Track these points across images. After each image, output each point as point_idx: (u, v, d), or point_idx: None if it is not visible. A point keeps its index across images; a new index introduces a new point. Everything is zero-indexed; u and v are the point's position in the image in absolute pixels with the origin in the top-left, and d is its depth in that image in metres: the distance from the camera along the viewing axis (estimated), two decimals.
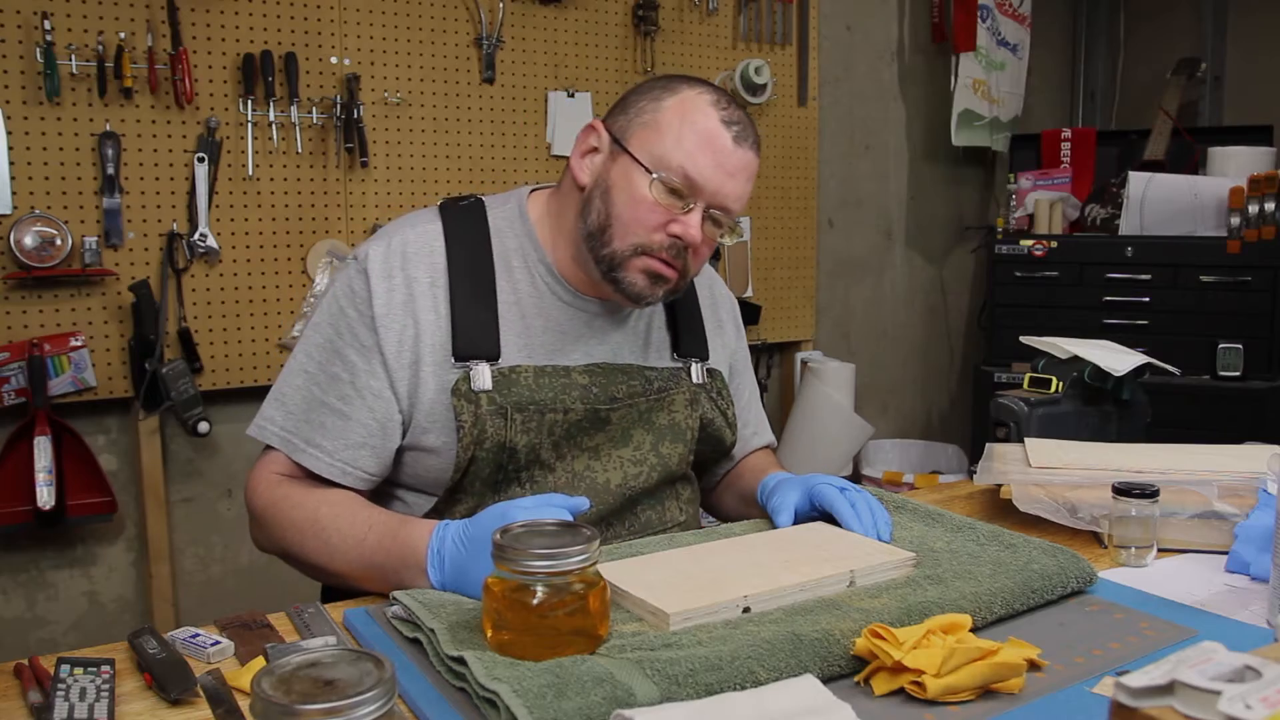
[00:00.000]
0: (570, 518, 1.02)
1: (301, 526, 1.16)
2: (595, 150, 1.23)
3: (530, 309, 1.26)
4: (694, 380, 1.36)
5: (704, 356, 1.39)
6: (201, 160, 2.13)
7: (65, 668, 0.89)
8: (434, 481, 1.24)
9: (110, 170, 2.04)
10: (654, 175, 1.16)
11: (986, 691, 0.86)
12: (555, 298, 1.27)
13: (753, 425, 1.52)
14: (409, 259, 1.22)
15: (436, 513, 1.25)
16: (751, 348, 2.99)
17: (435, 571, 1.05)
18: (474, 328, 1.21)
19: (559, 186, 1.30)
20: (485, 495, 1.24)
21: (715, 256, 2.83)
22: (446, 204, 1.30)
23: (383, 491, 1.30)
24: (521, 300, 1.26)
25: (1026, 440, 1.57)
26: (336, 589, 1.38)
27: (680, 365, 1.37)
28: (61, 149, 2.01)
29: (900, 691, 0.86)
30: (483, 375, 1.19)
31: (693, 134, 1.17)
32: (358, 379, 1.20)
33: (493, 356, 1.21)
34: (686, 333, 1.38)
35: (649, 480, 1.30)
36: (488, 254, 1.25)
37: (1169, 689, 0.65)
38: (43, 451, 1.99)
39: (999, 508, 1.41)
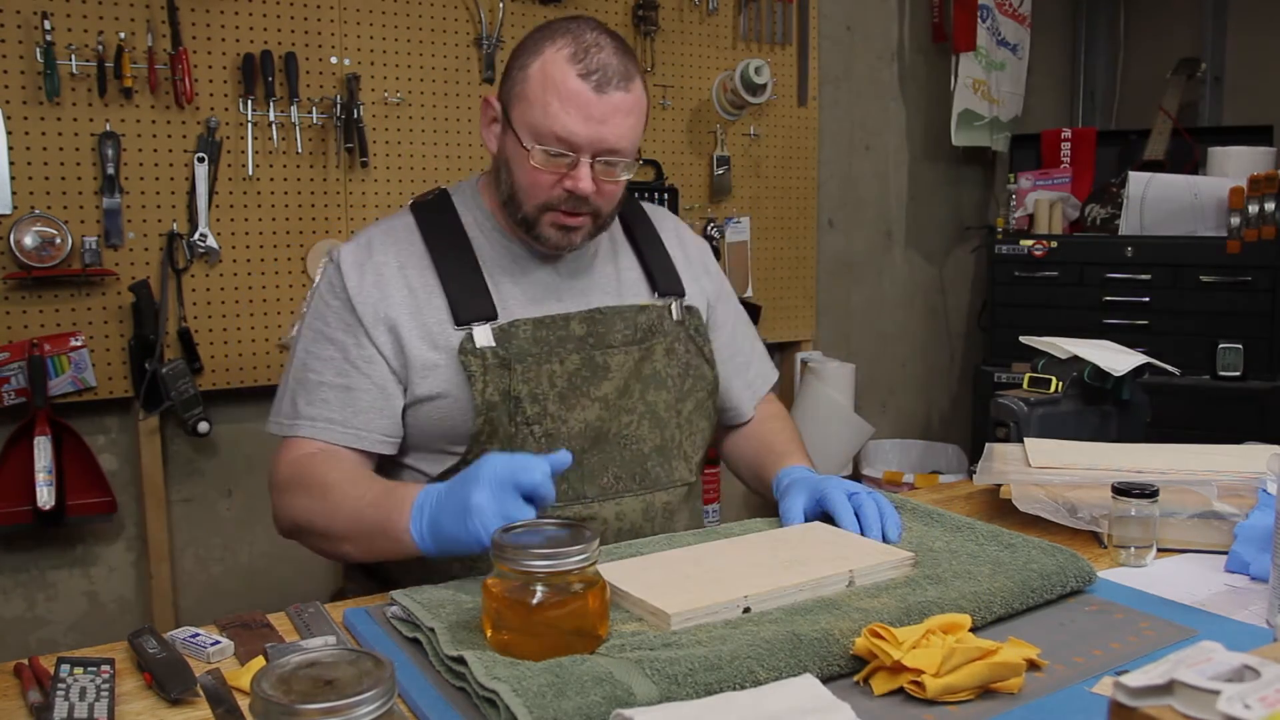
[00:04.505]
0: (550, 470, 1.05)
1: (311, 489, 1.23)
2: (495, 120, 1.34)
3: (498, 272, 1.36)
4: (674, 318, 1.43)
5: (680, 293, 1.46)
6: (201, 160, 2.13)
7: (65, 667, 0.90)
8: (450, 432, 1.31)
9: (110, 170, 2.04)
10: (532, 148, 1.25)
11: (986, 691, 0.86)
12: (515, 259, 1.37)
13: (752, 377, 1.58)
14: (374, 249, 1.35)
15: (456, 470, 1.30)
16: None
17: (415, 523, 1.09)
18: (467, 294, 1.32)
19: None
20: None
21: (715, 256, 2.83)
22: (415, 202, 1.42)
23: (402, 465, 1.37)
24: (488, 265, 1.36)
25: (1026, 440, 1.57)
26: (355, 572, 1.40)
27: (662, 304, 1.43)
28: (61, 149, 2.01)
29: (900, 691, 0.86)
30: (483, 334, 1.29)
31: (555, 98, 1.24)
32: (349, 353, 1.31)
33: (490, 316, 1.31)
34: (659, 271, 1.46)
35: (640, 428, 1.36)
36: (461, 231, 1.37)
37: (1168, 689, 0.65)
38: (43, 451, 1.99)
39: (999, 508, 1.41)
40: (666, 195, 2.74)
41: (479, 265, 1.35)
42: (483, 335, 1.29)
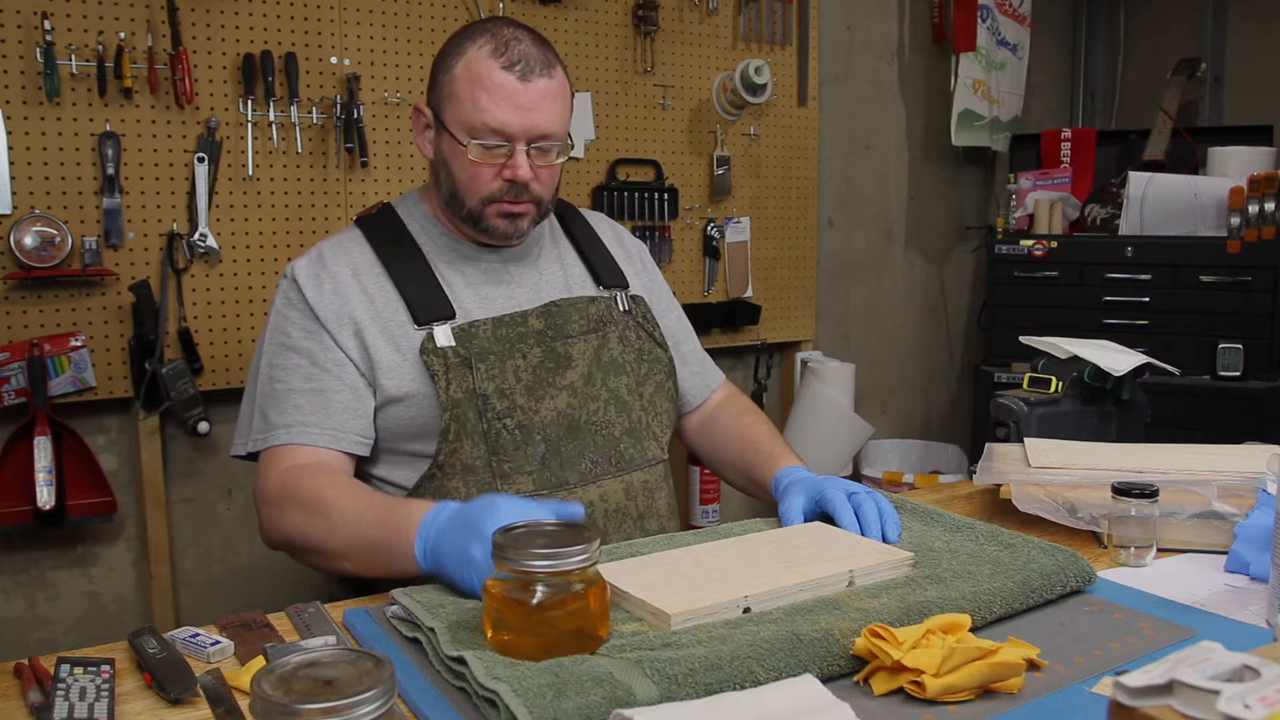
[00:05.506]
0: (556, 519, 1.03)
1: (306, 505, 1.22)
2: (428, 126, 1.39)
3: (449, 272, 1.39)
4: (621, 308, 1.47)
5: (624, 285, 1.51)
6: (201, 160, 2.13)
7: (65, 667, 0.90)
8: (420, 431, 1.33)
9: (110, 170, 2.04)
10: (468, 144, 1.31)
11: (986, 691, 0.86)
12: (464, 258, 1.41)
13: (699, 365, 1.64)
14: (326, 261, 1.38)
15: (430, 477, 1.32)
16: (751, 348, 3.01)
17: (421, 541, 1.08)
18: (423, 295, 1.35)
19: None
20: (478, 450, 1.30)
21: (715, 256, 2.83)
22: (360, 217, 1.46)
23: (371, 476, 1.37)
24: (438, 266, 1.39)
25: (1026, 440, 1.57)
26: (338, 587, 1.40)
27: (608, 295, 1.47)
28: (61, 149, 2.01)
29: (900, 691, 0.86)
30: (444, 334, 1.32)
31: (484, 92, 1.29)
32: (316, 359, 1.32)
33: (449, 315, 1.34)
34: (601, 267, 1.51)
35: (608, 413, 1.40)
36: (409, 237, 1.41)
37: (1168, 688, 0.65)
38: (43, 451, 1.99)
39: (999, 508, 1.41)
40: (667, 195, 2.74)
41: (430, 267, 1.39)
42: (443, 335, 1.32)
